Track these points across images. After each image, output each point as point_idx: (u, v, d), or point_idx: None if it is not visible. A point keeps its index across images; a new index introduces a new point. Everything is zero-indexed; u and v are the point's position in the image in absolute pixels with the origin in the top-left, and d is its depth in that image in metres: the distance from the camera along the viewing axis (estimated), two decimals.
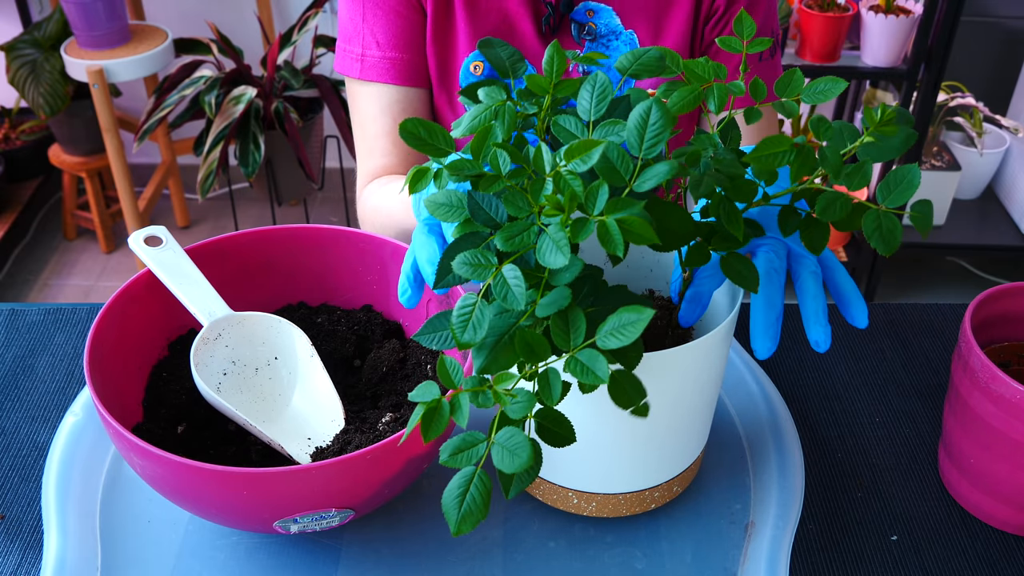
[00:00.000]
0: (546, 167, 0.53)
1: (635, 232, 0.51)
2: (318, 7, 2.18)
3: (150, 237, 0.81)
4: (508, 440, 0.51)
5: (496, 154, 0.55)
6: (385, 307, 0.87)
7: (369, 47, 0.99)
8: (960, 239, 2.41)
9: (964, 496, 0.79)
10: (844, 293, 0.65)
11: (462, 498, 0.51)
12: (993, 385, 0.71)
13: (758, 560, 0.72)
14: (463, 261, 0.53)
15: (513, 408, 0.52)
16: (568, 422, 0.54)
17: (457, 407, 0.52)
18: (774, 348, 0.62)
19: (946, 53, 2.05)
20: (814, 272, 0.65)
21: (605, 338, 0.52)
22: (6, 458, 0.82)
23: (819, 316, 0.63)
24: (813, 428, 0.87)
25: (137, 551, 0.73)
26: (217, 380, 0.78)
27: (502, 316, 0.55)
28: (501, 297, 0.52)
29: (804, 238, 0.60)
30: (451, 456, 0.52)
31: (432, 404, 0.53)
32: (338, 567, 0.73)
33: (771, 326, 0.62)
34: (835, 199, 0.57)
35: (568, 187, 0.52)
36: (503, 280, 0.52)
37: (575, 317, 0.53)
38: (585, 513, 0.75)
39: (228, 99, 2.05)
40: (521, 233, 0.53)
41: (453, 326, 0.53)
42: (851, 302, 0.64)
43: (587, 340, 0.53)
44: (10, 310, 0.99)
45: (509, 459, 0.51)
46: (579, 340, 0.53)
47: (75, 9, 2.11)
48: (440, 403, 0.53)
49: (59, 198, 2.70)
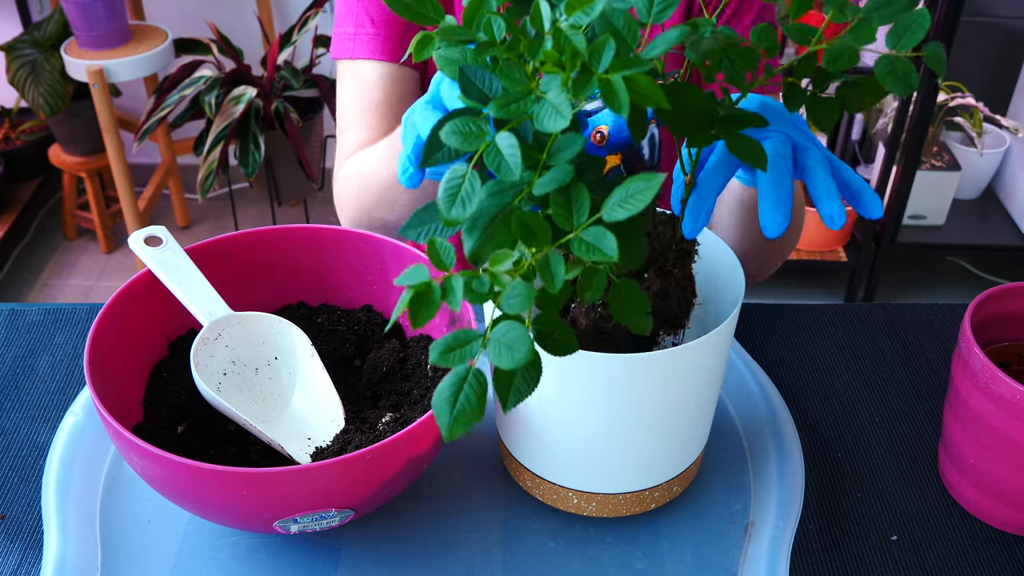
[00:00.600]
0: (545, 24, 0.48)
1: (643, 93, 0.46)
2: (318, 7, 2.19)
3: (150, 237, 0.81)
4: (505, 335, 0.46)
5: (490, 20, 0.50)
6: (385, 307, 0.87)
7: (363, 25, 0.98)
8: (960, 239, 2.41)
9: (964, 496, 0.79)
10: (854, 186, 0.62)
11: (454, 398, 0.47)
12: (993, 385, 0.71)
13: (758, 560, 0.72)
14: (452, 130, 0.49)
15: (510, 301, 0.46)
16: (569, 329, 0.50)
17: (449, 290, 0.47)
18: (785, 224, 0.59)
19: (946, 53, 2.05)
20: (821, 160, 0.62)
21: (612, 210, 0.47)
22: (6, 458, 0.82)
23: (831, 192, 0.60)
24: (813, 428, 0.87)
25: (137, 551, 0.73)
26: (217, 380, 0.78)
27: (496, 196, 0.50)
28: (494, 167, 0.47)
29: (811, 115, 0.57)
30: (442, 355, 0.47)
31: (421, 287, 0.47)
32: (338, 567, 0.73)
33: (782, 202, 0.59)
34: (843, 50, 0.53)
35: (569, 43, 0.47)
36: (496, 149, 0.48)
37: (578, 193, 0.48)
38: (585, 513, 0.75)
39: (228, 99, 2.05)
40: (518, 100, 0.48)
41: (439, 203, 0.48)
42: (862, 192, 0.62)
43: (592, 218, 0.48)
44: (10, 310, 0.99)
45: (507, 355, 0.46)
46: (583, 218, 0.48)
47: (75, 9, 2.11)
48: (430, 286, 0.47)
49: (59, 198, 2.70)
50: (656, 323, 0.64)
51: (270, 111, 2.12)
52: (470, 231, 0.49)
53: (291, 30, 2.18)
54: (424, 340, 0.84)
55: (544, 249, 0.47)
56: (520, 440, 0.74)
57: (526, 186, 0.49)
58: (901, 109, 2.15)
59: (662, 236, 0.65)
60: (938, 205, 2.40)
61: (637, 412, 0.67)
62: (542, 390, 0.68)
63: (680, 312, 0.66)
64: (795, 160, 0.63)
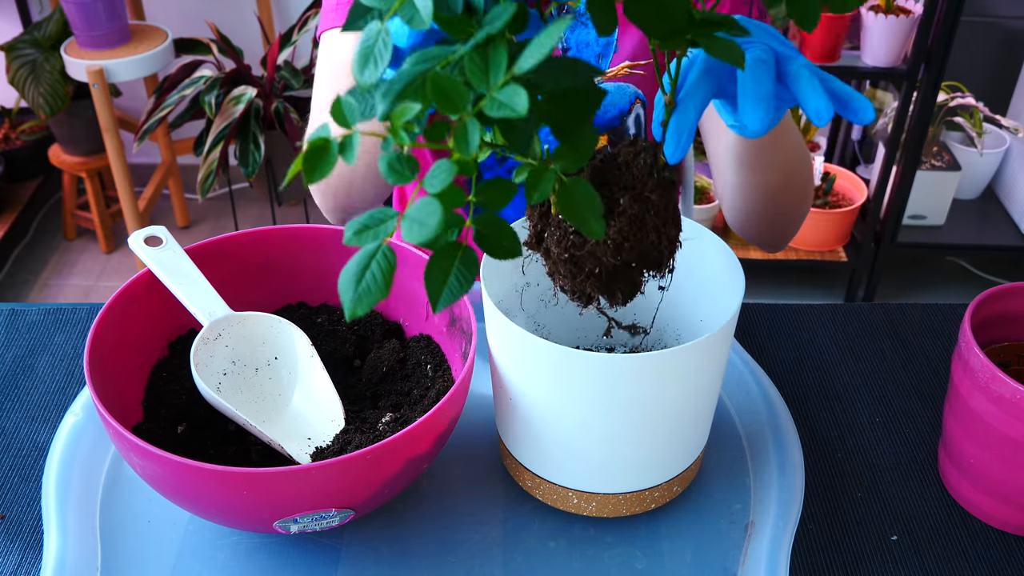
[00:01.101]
0: None
1: None
2: (318, 7, 2.18)
3: (150, 237, 0.81)
4: (419, 210, 0.43)
5: None
6: (385, 307, 0.87)
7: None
8: (960, 239, 2.41)
9: (964, 496, 0.79)
10: (841, 94, 0.60)
11: (360, 275, 0.44)
12: (993, 385, 0.71)
13: (758, 560, 0.72)
14: None
15: (432, 179, 0.44)
16: (513, 232, 0.47)
17: (347, 146, 0.44)
18: (767, 120, 0.58)
19: (946, 53, 2.05)
20: (806, 65, 0.61)
21: (524, 61, 0.44)
22: (6, 458, 0.82)
23: (816, 89, 0.59)
24: (813, 428, 0.87)
25: (137, 551, 0.73)
26: (217, 380, 0.78)
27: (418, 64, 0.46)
28: (407, 19, 0.44)
29: (791, 12, 0.55)
30: (356, 234, 0.45)
31: (319, 142, 0.44)
32: (338, 567, 0.73)
33: (762, 99, 0.58)
34: None
35: None
36: (411, 3, 0.45)
37: (496, 51, 0.45)
38: (585, 513, 0.75)
39: (228, 99, 2.05)
40: None
41: (352, 64, 0.45)
42: (851, 99, 0.60)
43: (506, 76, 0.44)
44: (10, 310, 0.99)
45: (418, 229, 0.43)
46: (500, 76, 0.44)
47: (75, 9, 2.11)
48: (328, 141, 0.44)
49: (59, 198, 2.70)
50: (633, 256, 0.61)
51: (270, 111, 2.12)
52: (383, 96, 0.45)
53: (291, 30, 2.18)
54: (424, 340, 0.84)
55: (463, 112, 0.44)
56: (520, 440, 0.74)
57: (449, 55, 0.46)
58: (901, 109, 2.15)
59: (642, 164, 0.62)
60: (938, 205, 2.40)
61: (637, 412, 0.67)
62: (542, 390, 0.68)
63: (660, 246, 0.62)
64: (778, 71, 0.61)
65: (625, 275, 0.62)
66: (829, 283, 2.55)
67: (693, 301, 0.79)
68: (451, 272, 0.46)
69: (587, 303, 0.62)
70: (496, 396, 0.75)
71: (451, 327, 0.80)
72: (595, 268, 0.60)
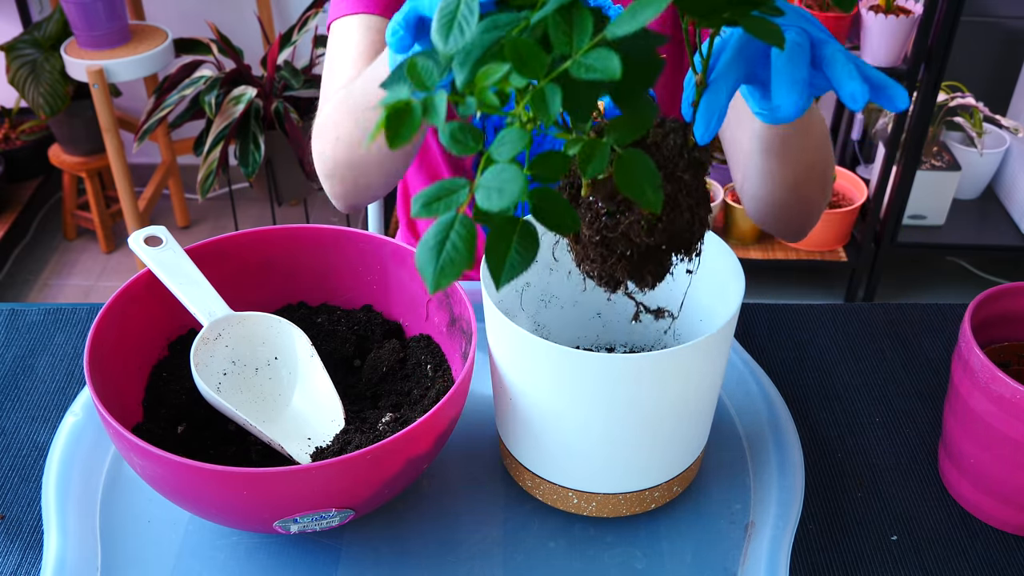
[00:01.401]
0: None
1: None
2: (318, 7, 2.19)
3: (150, 237, 0.81)
4: (495, 177, 0.42)
5: None
6: (385, 307, 0.87)
7: None
8: (960, 239, 2.41)
9: (964, 496, 0.79)
10: (877, 80, 0.60)
11: (440, 247, 0.43)
12: (993, 385, 0.71)
13: (758, 560, 0.72)
14: None
15: (500, 148, 0.43)
16: (569, 206, 0.46)
17: (431, 107, 0.43)
18: (800, 103, 0.58)
19: (946, 53, 2.05)
20: (841, 50, 0.60)
21: (616, 26, 0.43)
22: (6, 458, 0.82)
23: (852, 73, 0.58)
24: (813, 428, 0.87)
25: (137, 551, 0.73)
26: (217, 380, 0.78)
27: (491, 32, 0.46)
28: None
29: None
30: (425, 206, 0.43)
31: (400, 105, 0.43)
32: (338, 567, 0.73)
33: (797, 82, 0.58)
34: None
35: None
36: None
37: (580, 14, 0.44)
38: (585, 513, 0.75)
39: (228, 99, 2.05)
40: None
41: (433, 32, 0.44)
42: (887, 85, 0.59)
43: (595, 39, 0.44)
44: (10, 310, 0.99)
45: (496, 196, 0.42)
46: (585, 40, 0.43)
47: (75, 9, 2.11)
48: (410, 104, 0.43)
49: (59, 198, 2.70)
50: (665, 237, 0.60)
51: (270, 111, 2.12)
52: (462, 65, 0.45)
53: (291, 30, 2.18)
54: (424, 340, 0.84)
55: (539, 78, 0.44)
56: (520, 440, 0.74)
57: (523, 21, 0.45)
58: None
59: (672, 144, 0.61)
60: (938, 205, 2.40)
61: (637, 412, 0.67)
62: (542, 390, 0.68)
63: (693, 227, 0.61)
64: (812, 56, 0.61)
65: (655, 257, 0.61)
66: (829, 283, 2.55)
67: (693, 301, 0.79)
68: (511, 246, 0.45)
69: (615, 288, 0.62)
70: (496, 396, 0.75)
71: (451, 327, 0.80)
72: (627, 250, 0.60)
